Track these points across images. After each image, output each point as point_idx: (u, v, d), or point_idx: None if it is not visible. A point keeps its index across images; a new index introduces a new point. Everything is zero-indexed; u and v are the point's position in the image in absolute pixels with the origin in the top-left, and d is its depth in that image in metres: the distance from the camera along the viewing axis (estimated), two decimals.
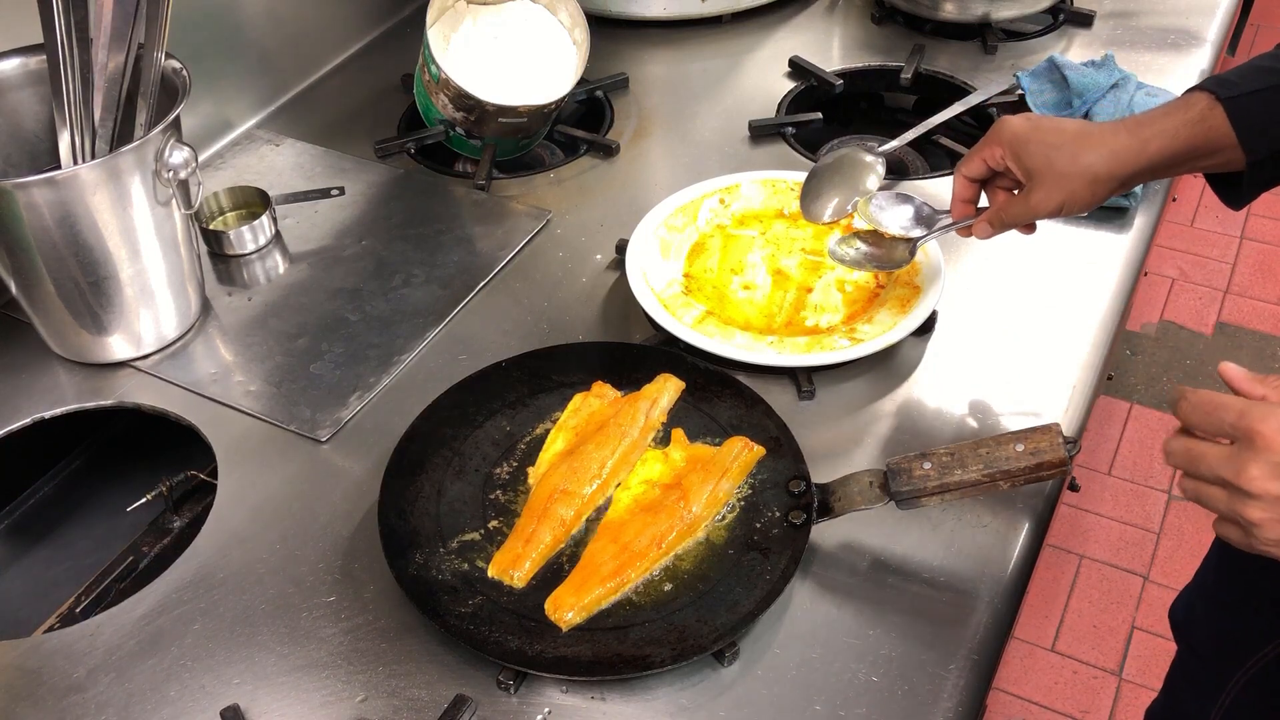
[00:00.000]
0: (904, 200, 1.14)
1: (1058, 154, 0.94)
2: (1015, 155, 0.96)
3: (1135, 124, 0.93)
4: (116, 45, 1.04)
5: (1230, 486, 0.71)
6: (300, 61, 1.55)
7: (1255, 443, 0.69)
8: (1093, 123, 0.97)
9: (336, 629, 0.89)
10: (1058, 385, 1.07)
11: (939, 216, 1.12)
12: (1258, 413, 0.69)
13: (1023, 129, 0.96)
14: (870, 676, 0.84)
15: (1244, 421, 0.69)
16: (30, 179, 0.97)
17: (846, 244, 1.13)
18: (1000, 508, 0.96)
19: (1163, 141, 0.91)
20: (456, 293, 1.20)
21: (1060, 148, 0.94)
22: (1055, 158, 0.94)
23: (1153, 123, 0.92)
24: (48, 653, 0.89)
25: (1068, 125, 0.96)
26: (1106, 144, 0.93)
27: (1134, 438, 2.41)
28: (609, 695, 0.84)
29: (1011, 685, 1.99)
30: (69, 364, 1.14)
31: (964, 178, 1.02)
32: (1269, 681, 1.03)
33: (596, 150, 1.42)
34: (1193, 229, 2.90)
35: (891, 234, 1.12)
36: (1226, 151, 0.91)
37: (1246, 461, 0.69)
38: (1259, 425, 0.69)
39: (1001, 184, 1.01)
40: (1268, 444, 0.68)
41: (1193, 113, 0.91)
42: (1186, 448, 0.74)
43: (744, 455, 0.96)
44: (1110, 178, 0.93)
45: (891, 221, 1.13)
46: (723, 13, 1.65)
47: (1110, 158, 0.92)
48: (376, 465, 0.99)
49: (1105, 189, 0.94)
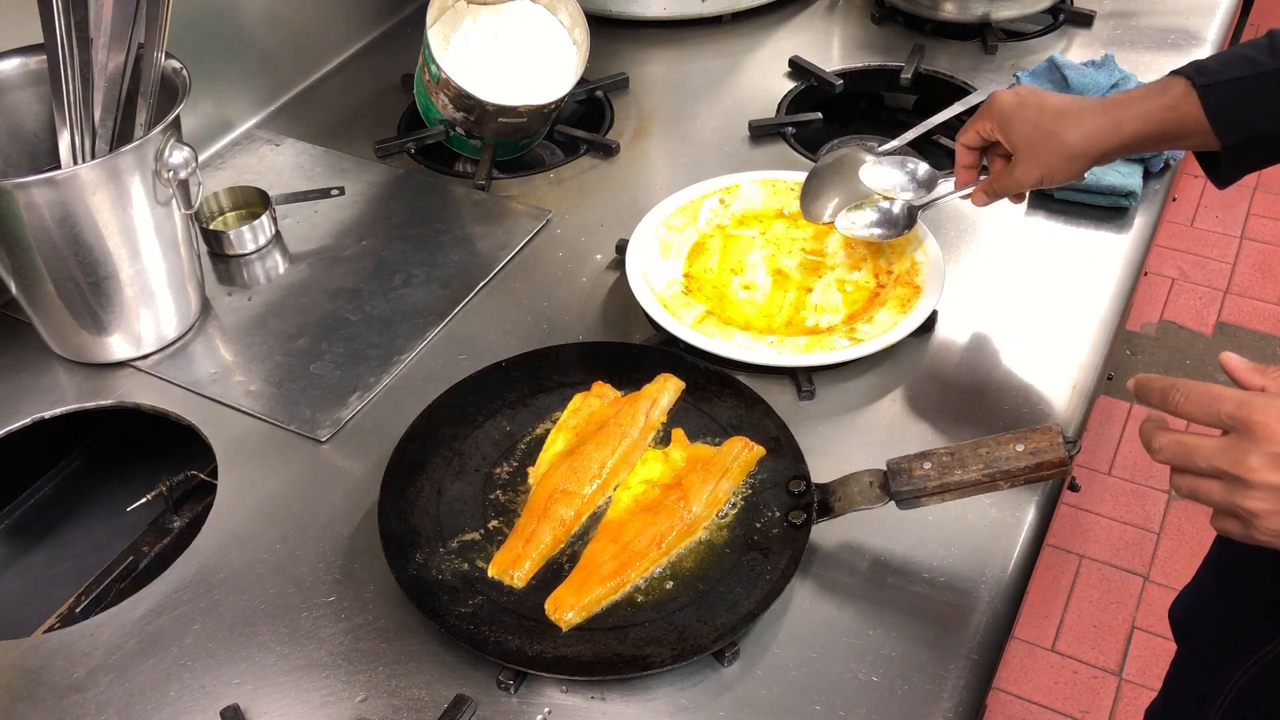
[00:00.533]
0: (901, 163, 1.19)
1: (1039, 131, 1.00)
2: (1003, 129, 1.02)
3: (1113, 104, 0.97)
4: (116, 45, 1.04)
5: (1228, 477, 0.70)
6: (300, 61, 1.55)
7: (1255, 433, 0.68)
8: (1075, 99, 1.01)
9: (336, 629, 0.89)
10: (1058, 385, 1.07)
11: (938, 178, 1.18)
12: (1257, 402, 0.69)
13: (1010, 104, 1.02)
14: (870, 676, 0.84)
15: (1242, 411, 0.69)
16: (30, 179, 0.97)
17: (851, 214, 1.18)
18: (1000, 508, 0.96)
19: (1137, 124, 0.96)
20: (456, 293, 1.20)
21: (1041, 125, 0.99)
22: (1036, 134, 1.00)
23: (1130, 104, 0.96)
24: (48, 653, 0.89)
25: (1051, 102, 1.01)
26: (1084, 124, 0.97)
27: (1134, 438, 2.41)
28: (609, 695, 0.84)
29: (1011, 685, 1.99)
30: (69, 364, 1.14)
31: (963, 146, 1.09)
32: (1269, 682, 1.03)
33: (596, 150, 1.42)
34: (1193, 229, 2.90)
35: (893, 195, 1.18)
36: (1201, 135, 0.94)
37: (1246, 451, 0.68)
38: (1258, 415, 0.68)
39: (999, 152, 1.07)
40: (1268, 434, 0.67)
41: (1168, 97, 0.94)
42: (1178, 441, 0.73)
43: (744, 455, 0.96)
44: (1085, 155, 0.98)
45: (891, 182, 1.18)
46: (723, 13, 1.65)
47: (1086, 137, 0.97)
48: (376, 465, 0.99)
49: (1081, 165, 0.99)
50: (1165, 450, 0.74)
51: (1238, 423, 0.69)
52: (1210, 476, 0.71)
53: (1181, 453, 0.73)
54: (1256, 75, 0.91)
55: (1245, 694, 1.06)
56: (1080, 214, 1.27)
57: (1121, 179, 1.25)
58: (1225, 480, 0.70)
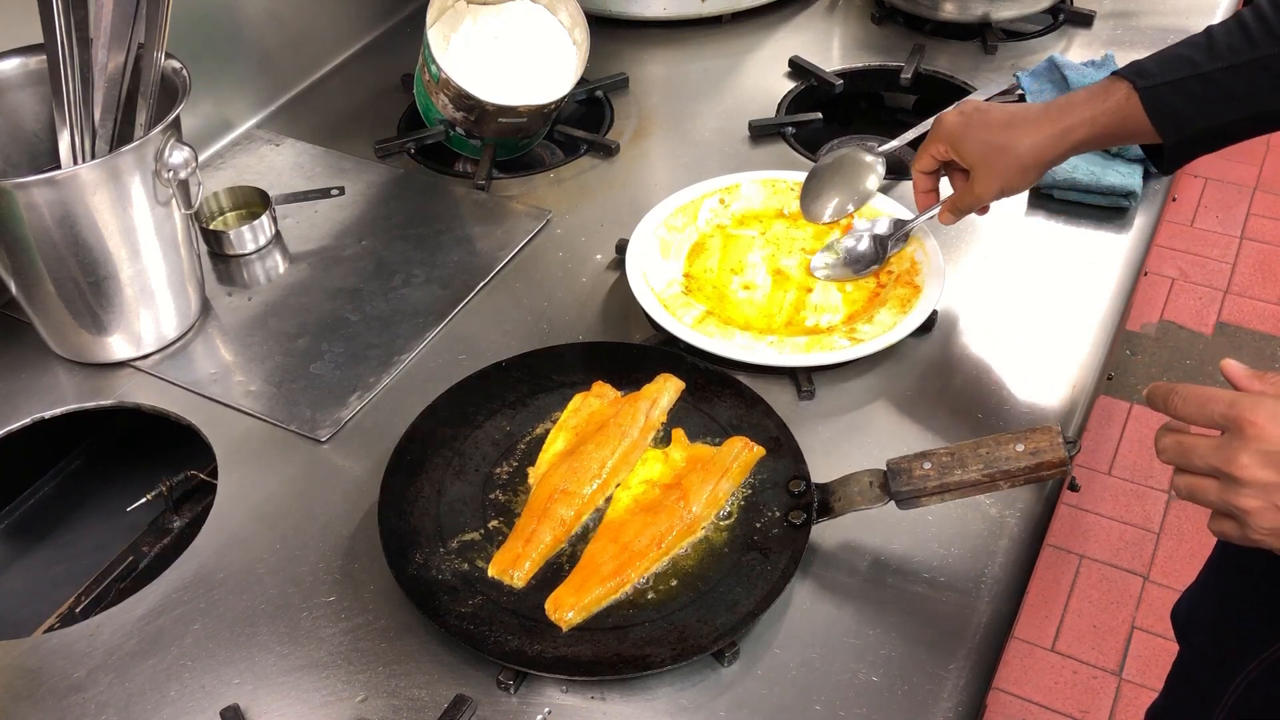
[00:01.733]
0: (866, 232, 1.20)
1: (990, 146, 1.03)
2: (955, 149, 1.05)
3: (1058, 111, 1.01)
4: (116, 45, 1.04)
5: (1222, 476, 0.72)
6: (300, 61, 1.55)
7: (1245, 431, 0.70)
8: (1019, 109, 1.04)
9: (336, 629, 0.89)
10: (1058, 385, 1.07)
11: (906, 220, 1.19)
12: (1247, 402, 0.71)
13: (956, 125, 1.05)
14: (870, 676, 0.84)
15: (1234, 411, 0.71)
16: (30, 179, 0.97)
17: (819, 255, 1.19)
18: (1000, 508, 0.96)
19: (1084, 130, 1.00)
20: (456, 293, 1.20)
21: (991, 140, 1.03)
22: (988, 150, 1.03)
23: (1075, 109, 1.00)
24: (48, 653, 0.89)
25: (996, 116, 1.04)
26: (1032, 134, 1.01)
27: (1134, 438, 2.41)
28: (609, 695, 0.84)
29: (1011, 685, 1.99)
30: (69, 364, 1.14)
31: (919, 173, 1.12)
32: (1271, 683, 1.03)
33: (596, 150, 1.42)
34: (1193, 229, 2.90)
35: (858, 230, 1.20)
36: (1145, 135, 0.98)
37: (1237, 450, 0.71)
38: (1248, 414, 0.70)
39: (957, 168, 1.09)
40: (1258, 432, 0.70)
41: (1111, 101, 0.98)
42: (1178, 441, 0.75)
43: (744, 455, 0.96)
44: (1038, 163, 1.02)
45: None
46: (723, 13, 1.65)
47: (1036, 147, 1.01)
48: (376, 465, 0.99)
49: (1035, 173, 1.04)
50: (1166, 451, 0.76)
51: (1229, 422, 0.71)
52: (1207, 476, 0.73)
53: (1180, 452, 0.75)
54: (1196, 76, 0.94)
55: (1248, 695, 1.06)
56: (1080, 214, 1.27)
57: (1121, 179, 1.25)
58: (1220, 479, 0.72)
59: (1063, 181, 1.26)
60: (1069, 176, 1.25)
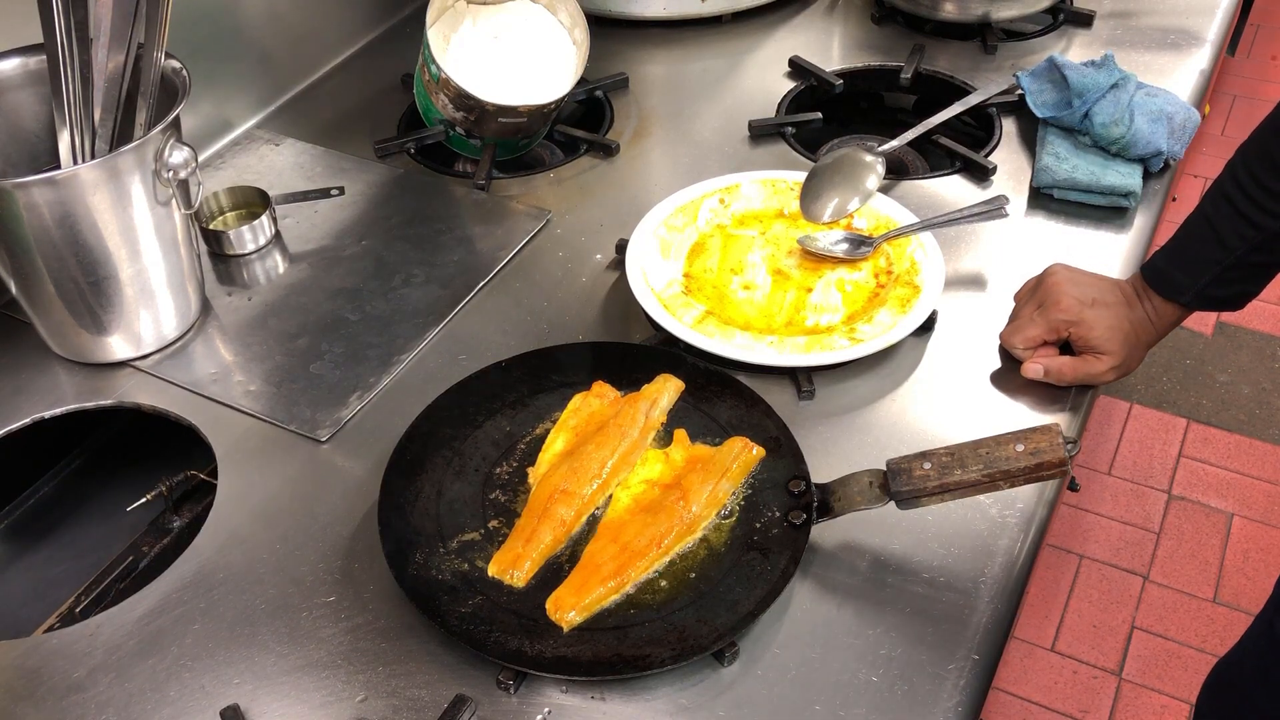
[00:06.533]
0: None
1: (1122, 335, 1.05)
2: (1081, 337, 1.05)
3: (1158, 317, 1.06)
4: (116, 45, 1.04)
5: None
6: (300, 61, 1.55)
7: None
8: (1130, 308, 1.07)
9: (336, 629, 0.89)
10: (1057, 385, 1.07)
11: None
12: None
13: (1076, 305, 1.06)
14: (870, 676, 0.84)
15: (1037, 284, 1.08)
16: (30, 179, 0.97)
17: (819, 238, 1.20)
18: (1000, 508, 0.96)
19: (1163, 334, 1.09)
20: (456, 293, 1.20)
21: (1118, 328, 1.05)
22: (1121, 339, 1.05)
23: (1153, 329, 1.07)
24: (48, 653, 0.89)
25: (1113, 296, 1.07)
26: (1154, 328, 1.06)
27: (1134, 438, 2.41)
28: (609, 695, 0.84)
29: (1011, 685, 1.99)
30: (69, 364, 1.14)
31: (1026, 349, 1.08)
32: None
33: (596, 150, 1.42)
34: None
35: None
36: None
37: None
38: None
39: None
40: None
41: (1169, 319, 1.06)
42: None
43: (744, 455, 0.96)
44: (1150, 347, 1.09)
45: None
46: (723, 13, 1.65)
47: (1156, 335, 1.07)
48: (376, 465, 0.99)
49: None
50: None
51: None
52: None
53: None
54: (1223, 270, 1.02)
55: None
56: (1080, 214, 1.27)
57: (1121, 179, 1.25)
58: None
59: (1063, 181, 1.26)
60: (1069, 176, 1.25)
